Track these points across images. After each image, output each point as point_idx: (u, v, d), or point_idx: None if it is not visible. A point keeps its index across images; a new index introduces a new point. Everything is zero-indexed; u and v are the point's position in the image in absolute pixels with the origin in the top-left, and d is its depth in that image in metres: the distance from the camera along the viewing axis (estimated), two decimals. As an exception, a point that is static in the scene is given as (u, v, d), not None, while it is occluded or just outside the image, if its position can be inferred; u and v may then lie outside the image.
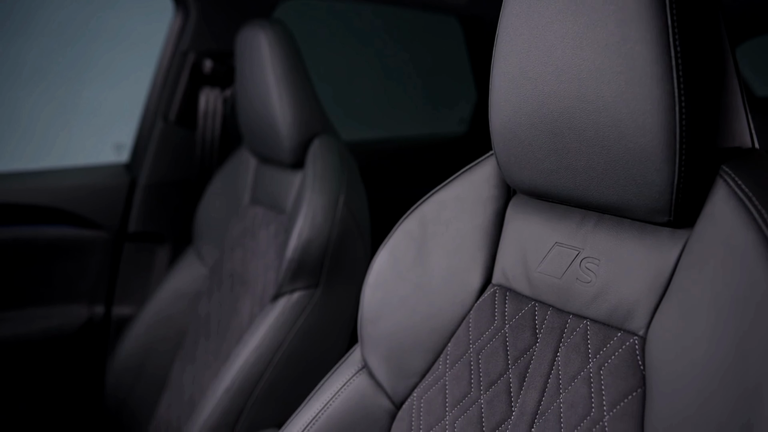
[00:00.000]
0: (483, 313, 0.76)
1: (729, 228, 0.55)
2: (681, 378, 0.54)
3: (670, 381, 0.55)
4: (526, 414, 0.68)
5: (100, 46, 2.01)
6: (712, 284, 0.55)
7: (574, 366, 0.65)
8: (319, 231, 1.23)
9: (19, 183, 1.68)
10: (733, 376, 0.50)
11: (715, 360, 0.52)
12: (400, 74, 2.33)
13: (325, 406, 0.82)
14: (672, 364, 0.56)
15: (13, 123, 1.94)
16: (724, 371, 0.51)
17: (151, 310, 1.61)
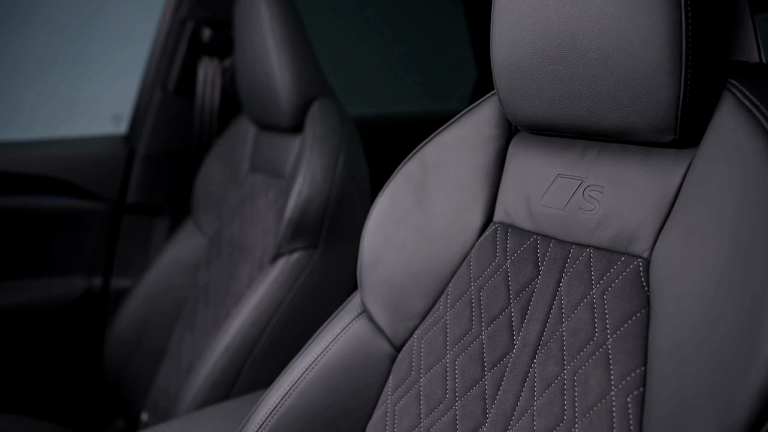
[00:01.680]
0: (484, 251, 0.75)
1: (735, 139, 0.54)
2: (687, 293, 0.53)
3: (675, 298, 0.54)
4: (528, 346, 0.67)
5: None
6: (717, 198, 0.54)
7: (576, 294, 0.64)
8: (319, 190, 1.22)
9: (16, 152, 1.67)
10: (740, 283, 0.49)
11: (722, 271, 0.51)
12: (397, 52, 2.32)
13: (324, 350, 0.81)
14: (678, 281, 0.55)
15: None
16: (730, 281, 0.50)
17: (149, 281, 1.60)
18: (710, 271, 0.52)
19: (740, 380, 0.46)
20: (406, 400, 0.76)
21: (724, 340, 0.49)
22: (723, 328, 0.49)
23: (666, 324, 0.54)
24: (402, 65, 2.31)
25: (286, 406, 0.79)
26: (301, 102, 1.33)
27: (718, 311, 0.50)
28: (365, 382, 0.79)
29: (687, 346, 0.51)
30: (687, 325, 0.52)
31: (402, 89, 2.30)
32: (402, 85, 2.30)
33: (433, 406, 0.73)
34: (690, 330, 0.51)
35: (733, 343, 0.48)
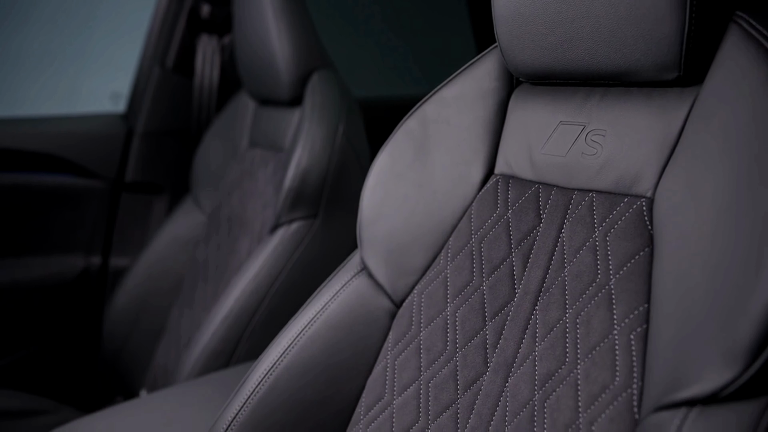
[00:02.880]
0: (485, 203, 0.74)
1: (741, 70, 0.53)
2: (691, 225, 0.52)
3: (679, 231, 0.53)
4: (529, 293, 0.66)
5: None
6: (721, 130, 0.53)
7: (578, 238, 0.63)
8: (318, 160, 1.21)
9: (15, 128, 1.66)
10: (745, 209, 0.48)
11: (727, 199, 0.50)
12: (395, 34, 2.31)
13: (324, 307, 0.80)
14: (682, 215, 0.54)
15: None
16: (735, 208, 0.49)
17: (148, 258, 1.59)
18: (714, 200, 0.51)
19: (745, 302, 0.45)
20: (406, 354, 0.75)
21: (728, 266, 0.48)
22: (727, 254, 0.48)
23: (669, 258, 0.53)
24: (399, 47, 2.29)
25: (285, 363, 0.78)
26: (300, 73, 1.33)
27: (723, 239, 0.49)
28: (365, 339, 0.78)
29: (691, 277, 0.50)
30: (691, 256, 0.51)
31: (398, 71, 2.29)
32: (398, 68, 2.28)
33: (433, 358, 0.72)
34: (694, 260, 0.51)
35: (737, 268, 0.47)
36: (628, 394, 0.53)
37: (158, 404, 0.99)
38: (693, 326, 0.48)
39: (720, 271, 0.48)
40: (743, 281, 0.46)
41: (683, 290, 0.51)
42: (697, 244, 0.51)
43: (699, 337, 0.47)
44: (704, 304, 0.48)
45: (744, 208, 0.48)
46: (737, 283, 0.46)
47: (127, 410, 0.97)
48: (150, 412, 0.96)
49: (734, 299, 0.46)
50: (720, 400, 0.45)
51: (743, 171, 0.50)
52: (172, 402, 1.00)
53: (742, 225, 0.48)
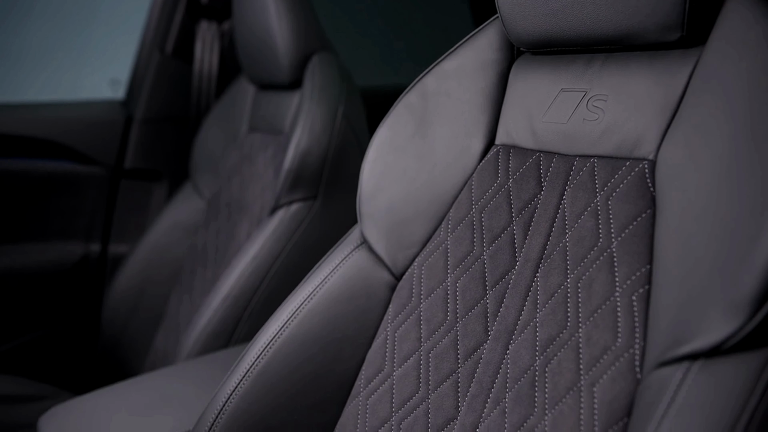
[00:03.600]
0: (486, 173, 0.74)
1: (744, 27, 0.52)
2: (694, 184, 0.52)
3: (682, 191, 0.53)
4: (530, 260, 0.66)
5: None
6: (724, 89, 0.53)
7: (580, 204, 0.63)
8: (318, 141, 1.21)
9: (14, 114, 1.66)
10: (749, 167, 0.48)
11: (730, 156, 0.50)
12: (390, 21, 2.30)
13: (323, 281, 0.80)
14: (685, 174, 0.53)
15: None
16: (739, 165, 0.49)
17: (147, 244, 1.59)
18: (717, 158, 0.51)
19: (748, 255, 0.44)
20: (406, 326, 0.75)
21: (731, 221, 0.47)
22: (730, 210, 0.48)
23: (672, 218, 0.53)
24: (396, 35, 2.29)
25: (284, 336, 0.78)
26: (300, 56, 1.32)
27: (726, 195, 0.48)
28: (365, 312, 0.78)
29: (693, 234, 0.50)
30: (693, 214, 0.51)
31: (395, 61, 2.28)
32: (396, 57, 2.28)
33: (433, 329, 0.72)
34: (696, 219, 0.50)
35: (740, 223, 0.47)
36: (630, 354, 0.53)
37: (156, 383, 0.98)
38: (695, 282, 0.48)
39: (723, 227, 0.48)
40: (746, 235, 0.45)
41: (686, 248, 0.50)
42: (700, 203, 0.51)
43: (701, 293, 0.47)
44: (707, 260, 0.48)
45: (747, 165, 0.48)
46: (740, 237, 0.46)
47: (124, 389, 0.97)
48: (147, 391, 0.96)
49: (737, 253, 0.46)
50: (723, 353, 0.44)
51: (746, 128, 0.49)
52: (170, 380, 0.99)
53: (745, 181, 0.48)
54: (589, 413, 0.53)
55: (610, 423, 0.52)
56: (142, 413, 0.89)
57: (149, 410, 0.90)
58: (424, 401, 0.69)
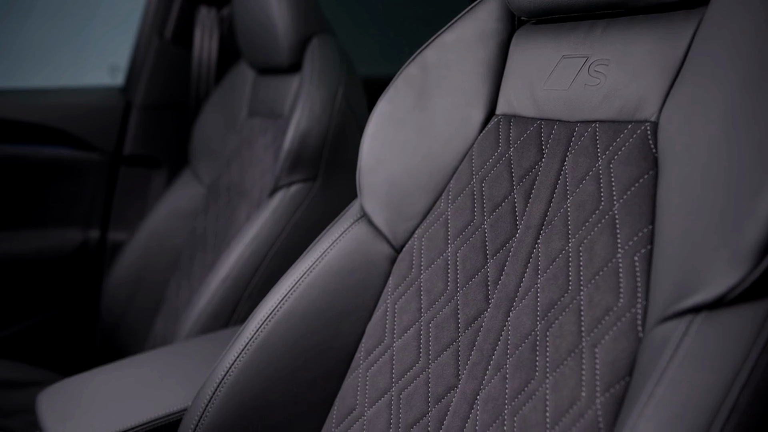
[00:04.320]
0: (486, 143, 0.73)
1: None
2: (697, 139, 0.51)
3: (685, 147, 0.53)
4: (531, 227, 0.65)
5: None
6: (726, 47, 0.52)
7: (581, 168, 0.63)
8: (318, 122, 1.20)
9: (13, 99, 1.65)
10: (752, 118, 0.48)
11: (733, 111, 0.49)
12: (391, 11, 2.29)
13: (323, 254, 0.79)
14: (687, 131, 0.53)
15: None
16: (741, 118, 0.48)
17: (146, 230, 1.58)
18: (720, 113, 0.50)
19: (751, 205, 0.44)
20: (406, 297, 0.74)
21: (734, 173, 0.47)
22: (733, 162, 0.47)
23: (675, 176, 0.53)
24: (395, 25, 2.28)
25: (284, 309, 0.77)
26: (300, 38, 1.32)
27: (729, 148, 0.48)
28: (365, 285, 0.78)
29: (696, 190, 0.50)
30: (696, 170, 0.50)
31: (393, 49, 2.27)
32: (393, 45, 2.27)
33: (433, 299, 0.71)
34: (699, 174, 0.50)
35: (743, 175, 0.46)
36: (632, 314, 0.52)
37: (155, 361, 0.98)
38: (698, 237, 0.47)
39: (725, 181, 0.47)
40: (748, 188, 0.45)
41: (688, 204, 0.50)
42: (702, 159, 0.50)
43: (704, 246, 0.46)
44: (709, 214, 0.47)
45: (749, 119, 0.48)
46: (742, 190, 0.45)
47: (123, 366, 0.97)
48: (146, 368, 0.95)
49: (740, 206, 0.45)
50: (726, 304, 0.44)
51: (749, 83, 0.49)
52: (170, 358, 0.99)
53: (747, 135, 0.47)
54: (591, 374, 0.53)
55: (612, 383, 0.51)
56: (140, 389, 0.89)
57: (148, 387, 0.89)
58: (424, 371, 0.69)
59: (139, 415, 0.83)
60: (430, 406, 0.67)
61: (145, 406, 0.85)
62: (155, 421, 0.83)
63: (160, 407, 0.84)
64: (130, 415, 0.83)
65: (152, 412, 0.83)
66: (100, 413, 0.84)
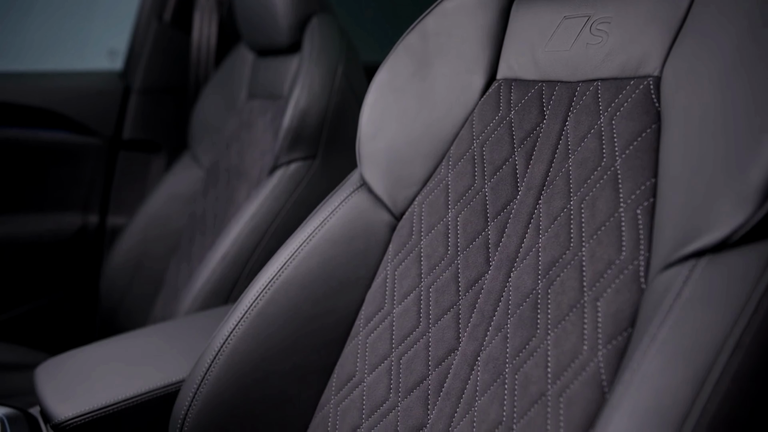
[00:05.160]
0: (487, 108, 0.73)
1: None
2: (701, 92, 0.51)
3: (688, 101, 0.52)
4: (533, 188, 0.65)
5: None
6: (728, 1, 0.52)
7: (583, 127, 0.62)
8: (317, 99, 1.20)
9: (11, 82, 1.64)
10: (756, 63, 0.47)
11: (737, 58, 0.49)
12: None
13: (322, 223, 0.79)
14: (691, 86, 0.52)
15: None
16: (746, 64, 0.48)
17: (145, 214, 1.58)
18: (724, 62, 0.49)
19: (755, 147, 0.43)
20: (406, 264, 0.74)
21: (738, 119, 0.46)
22: (737, 108, 0.47)
23: (679, 128, 0.52)
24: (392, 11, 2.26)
25: (283, 277, 0.77)
26: (299, 18, 1.31)
27: (733, 94, 0.47)
28: (365, 252, 0.77)
29: (699, 137, 0.49)
30: (699, 119, 0.50)
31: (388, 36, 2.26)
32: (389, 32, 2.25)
33: (434, 264, 0.71)
34: (702, 122, 0.49)
35: (747, 120, 0.45)
36: (634, 266, 0.52)
37: (154, 335, 0.97)
38: (701, 183, 0.47)
39: (729, 127, 0.47)
40: (752, 130, 0.44)
41: (693, 153, 0.49)
42: (707, 108, 0.49)
43: (708, 192, 0.46)
44: (714, 160, 0.47)
45: (753, 64, 0.47)
46: (747, 133, 0.45)
47: (122, 340, 0.96)
48: (145, 342, 0.95)
49: (744, 149, 0.45)
50: (729, 246, 0.43)
51: (751, 30, 0.48)
52: (168, 333, 0.98)
53: (751, 80, 0.47)
54: (593, 327, 0.52)
55: (615, 334, 0.51)
56: (139, 362, 0.88)
57: (147, 359, 0.89)
58: (425, 335, 0.68)
59: (138, 385, 0.82)
60: (430, 369, 0.66)
61: (144, 377, 0.84)
62: (154, 391, 0.83)
63: (159, 378, 0.84)
64: (128, 385, 0.82)
65: (151, 383, 0.83)
66: (97, 384, 0.83)
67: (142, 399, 0.82)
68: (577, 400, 0.50)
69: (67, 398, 0.81)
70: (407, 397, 0.67)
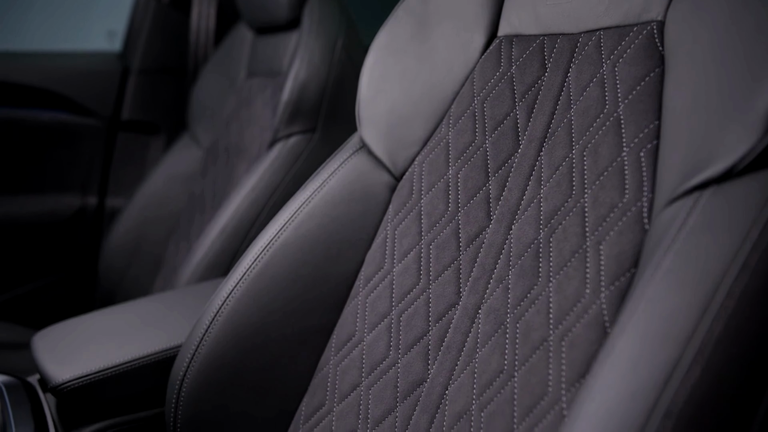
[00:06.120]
0: (488, 64, 0.72)
1: None
2: (706, 32, 0.50)
3: (693, 41, 0.51)
4: (534, 140, 0.64)
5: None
6: None
7: (585, 76, 0.61)
8: (317, 72, 1.19)
9: (10, 62, 1.64)
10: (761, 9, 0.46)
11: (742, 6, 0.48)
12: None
13: (321, 185, 0.78)
14: (696, 27, 0.52)
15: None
16: (750, 9, 0.47)
17: (144, 194, 1.57)
18: (728, 16, 0.49)
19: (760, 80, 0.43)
20: (406, 223, 0.73)
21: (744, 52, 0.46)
22: (744, 41, 0.46)
23: (683, 69, 0.51)
24: None
25: (282, 239, 0.76)
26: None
27: (739, 31, 0.47)
28: (364, 214, 0.76)
29: (705, 76, 0.48)
30: (706, 57, 0.49)
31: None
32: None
33: (434, 221, 0.70)
34: (709, 60, 0.48)
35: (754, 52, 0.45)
36: (637, 207, 0.51)
37: (152, 304, 0.97)
38: (707, 118, 0.46)
39: (735, 61, 0.46)
40: (758, 63, 0.44)
41: (697, 90, 0.48)
42: (712, 45, 0.49)
43: (713, 125, 0.45)
44: (719, 94, 0.46)
45: (754, 35, 0.46)
46: (753, 67, 0.44)
47: (120, 309, 0.95)
48: (143, 311, 0.94)
49: (750, 82, 0.44)
50: (734, 176, 0.43)
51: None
52: (167, 302, 0.98)
53: (757, 15, 0.46)
54: (595, 270, 0.52)
55: (617, 275, 0.50)
56: (138, 328, 0.87)
57: (145, 325, 0.88)
58: (425, 292, 0.68)
59: (136, 349, 0.82)
60: (430, 325, 0.66)
61: (143, 341, 0.83)
62: (153, 355, 0.82)
63: (158, 342, 0.83)
64: (126, 350, 0.82)
65: (150, 347, 0.82)
66: (96, 349, 0.83)
67: (141, 362, 0.81)
68: (579, 343, 0.50)
69: (64, 362, 0.81)
70: (407, 353, 0.66)
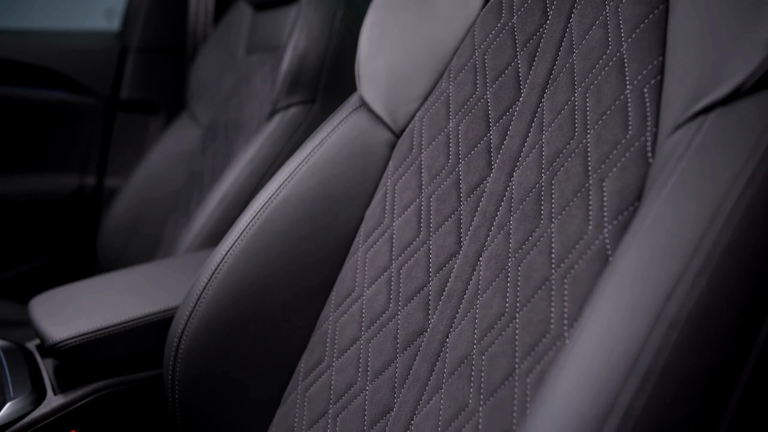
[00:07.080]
0: (489, 17, 0.71)
1: None
2: None
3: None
4: (535, 88, 0.63)
5: None
6: None
7: (588, 20, 0.60)
8: (316, 43, 1.18)
9: (10, 40, 1.63)
10: None
11: None
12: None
13: (321, 142, 0.77)
14: None
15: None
16: None
17: (143, 173, 1.56)
18: None
19: None
20: (406, 177, 0.72)
21: None
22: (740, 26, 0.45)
23: (689, 2, 0.51)
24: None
25: (281, 196, 0.76)
26: (298, -36, 1.29)
27: None
28: (364, 171, 0.76)
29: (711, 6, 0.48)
30: (707, 14, 0.48)
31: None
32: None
33: (434, 174, 0.70)
34: (709, 18, 0.48)
35: None
36: (641, 142, 0.50)
37: (151, 269, 0.96)
38: (712, 45, 0.45)
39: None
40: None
41: (703, 19, 0.48)
42: None
43: (718, 51, 0.44)
44: (725, 22, 0.45)
45: None
46: None
47: (118, 275, 0.95)
48: (142, 276, 0.93)
49: (755, 9, 0.43)
50: (740, 96, 0.42)
51: None
52: (166, 267, 0.97)
53: None
54: (598, 206, 0.51)
55: (621, 210, 0.49)
56: (136, 291, 0.87)
57: (144, 289, 0.88)
58: (425, 243, 0.67)
59: (134, 310, 0.81)
60: (431, 276, 0.65)
61: (141, 303, 0.83)
62: (150, 315, 0.81)
63: (156, 303, 0.82)
64: (124, 310, 0.81)
65: (148, 308, 0.82)
66: (93, 309, 0.82)
67: (140, 322, 0.81)
68: (583, 278, 0.49)
69: (62, 322, 0.80)
70: (407, 305, 0.66)
